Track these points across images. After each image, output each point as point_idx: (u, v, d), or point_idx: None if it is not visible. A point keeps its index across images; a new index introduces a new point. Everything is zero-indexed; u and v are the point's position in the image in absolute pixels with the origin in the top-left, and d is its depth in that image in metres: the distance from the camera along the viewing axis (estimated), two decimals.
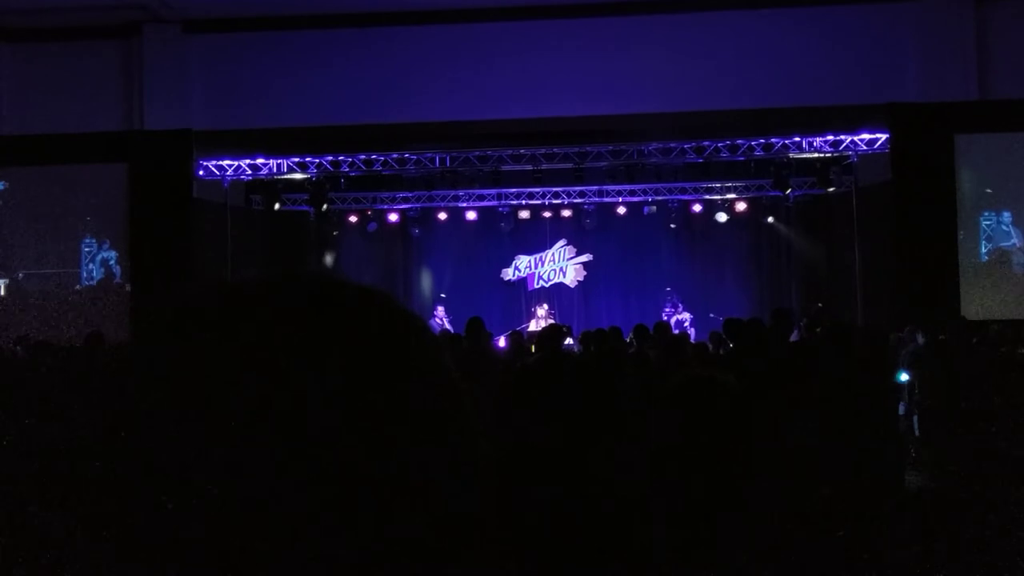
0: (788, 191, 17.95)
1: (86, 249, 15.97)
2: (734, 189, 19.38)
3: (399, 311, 0.82)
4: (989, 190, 14.97)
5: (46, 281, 15.81)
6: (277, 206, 18.34)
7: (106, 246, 15.89)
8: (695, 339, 15.22)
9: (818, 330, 11.67)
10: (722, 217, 19.68)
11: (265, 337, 0.75)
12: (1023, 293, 14.81)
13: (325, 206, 18.67)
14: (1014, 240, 14.96)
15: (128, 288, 15.66)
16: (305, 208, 19.06)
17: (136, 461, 0.74)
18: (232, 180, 17.64)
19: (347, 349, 0.77)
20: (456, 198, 19.78)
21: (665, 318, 17.15)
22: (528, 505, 1.58)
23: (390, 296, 0.83)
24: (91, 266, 15.98)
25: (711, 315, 18.48)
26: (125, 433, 0.75)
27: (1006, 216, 14.98)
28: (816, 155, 17.01)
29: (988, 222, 15.04)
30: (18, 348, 12.24)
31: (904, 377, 9.08)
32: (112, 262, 15.91)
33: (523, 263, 20.88)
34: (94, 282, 15.94)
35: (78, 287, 15.91)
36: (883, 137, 15.83)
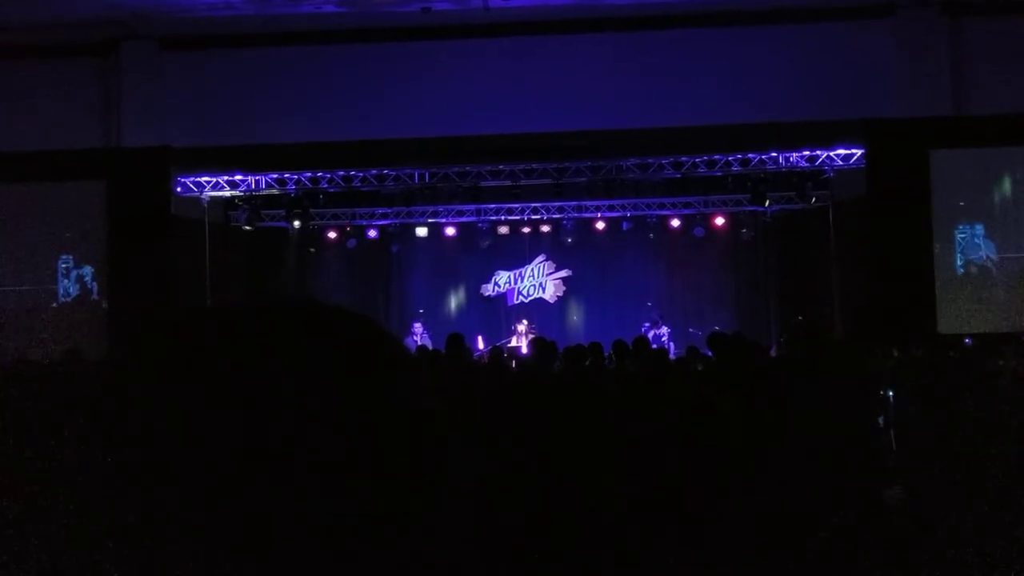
0: (766, 205, 18.06)
1: (63, 265, 15.88)
2: (712, 204, 19.45)
3: (376, 330, 0.88)
4: (962, 203, 15.10)
5: (23, 297, 15.70)
6: (250, 225, 18.34)
7: (83, 263, 15.81)
8: (674, 353, 15.26)
9: (797, 344, 11.73)
10: (700, 232, 19.76)
11: (265, 349, 0.81)
12: (998, 306, 14.91)
13: (303, 222, 18.63)
14: (983, 252, 15.08)
15: (105, 304, 15.59)
16: (284, 224, 19.02)
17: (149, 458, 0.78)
18: (210, 196, 17.60)
19: (333, 362, 0.82)
20: (435, 214, 19.79)
21: (643, 332, 17.17)
22: (508, 519, 1.60)
23: (368, 317, 0.89)
24: (67, 283, 15.90)
25: (690, 330, 18.54)
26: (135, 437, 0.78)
27: (979, 229, 15.11)
28: (793, 170, 17.12)
29: (963, 235, 15.16)
30: None
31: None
32: (88, 278, 15.83)
33: (503, 278, 20.88)
34: (71, 298, 15.86)
35: (55, 304, 15.81)
36: (859, 152, 15.94)
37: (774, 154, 16.82)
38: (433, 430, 0.85)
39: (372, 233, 20.15)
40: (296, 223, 18.52)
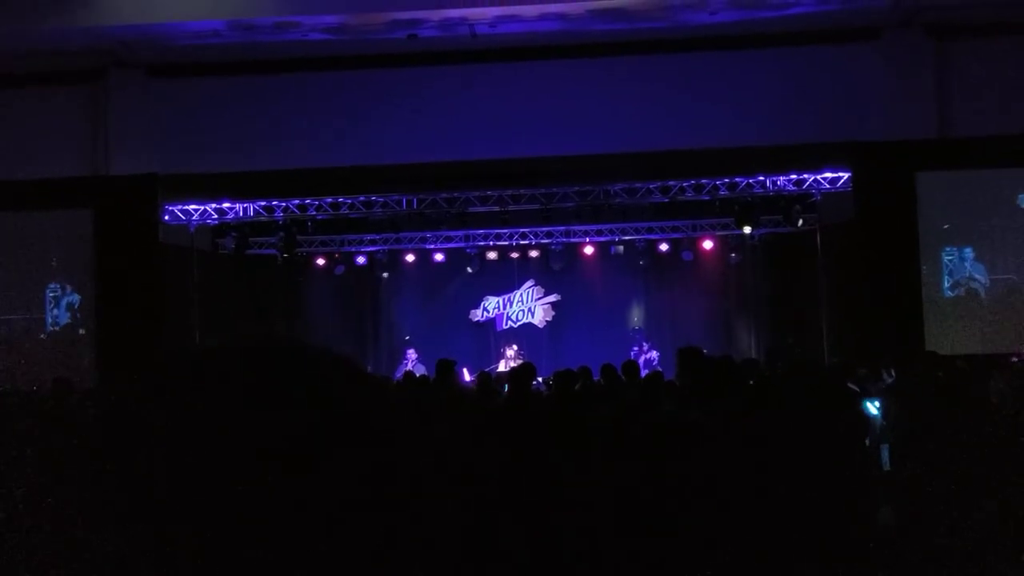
0: (752, 229, 18.10)
1: (51, 294, 15.82)
2: (700, 228, 19.52)
3: (357, 371, 0.91)
4: (947, 226, 15.14)
5: (12, 326, 15.64)
6: (238, 253, 18.33)
7: (71, 291, 15.76)
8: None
9: (780, 364, 11.75)
10: (689, 256, 19.82)
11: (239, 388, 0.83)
12: (987, 328, 14.93)
13: (287, 252, 18.63)
14: (970, 273, 15.12)
15: (94, 333, 15.52)
16: (272, 252, 19.01)
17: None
18: (198, 224, 17.59)
19: (314, 403, 0.84)
20: (424, 240, 19.82)
21: (632, 357, 17.18)
22: (496, 540, 1.59)
23: (350, 358, 0.93)
24: (56, 311, 15.84)
25: None
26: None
27: (967, 251, 15.16)
28: (780, 193, 17.17)
29: (950, 257, 15.19)
30: None
31: (872, 410, 9.15)
32: (76, 306, 15.77)
33: (491, 304, 20.90)
34: (59, 327, 15.79)
35: (43, 334, 15.74)
36: (846, 176, 16.01)
37: (761, 178, 16.88)
38: (412, 469, 0.86)
39: (361, 260, 20.17)
40: (284, 254, 18.53)
